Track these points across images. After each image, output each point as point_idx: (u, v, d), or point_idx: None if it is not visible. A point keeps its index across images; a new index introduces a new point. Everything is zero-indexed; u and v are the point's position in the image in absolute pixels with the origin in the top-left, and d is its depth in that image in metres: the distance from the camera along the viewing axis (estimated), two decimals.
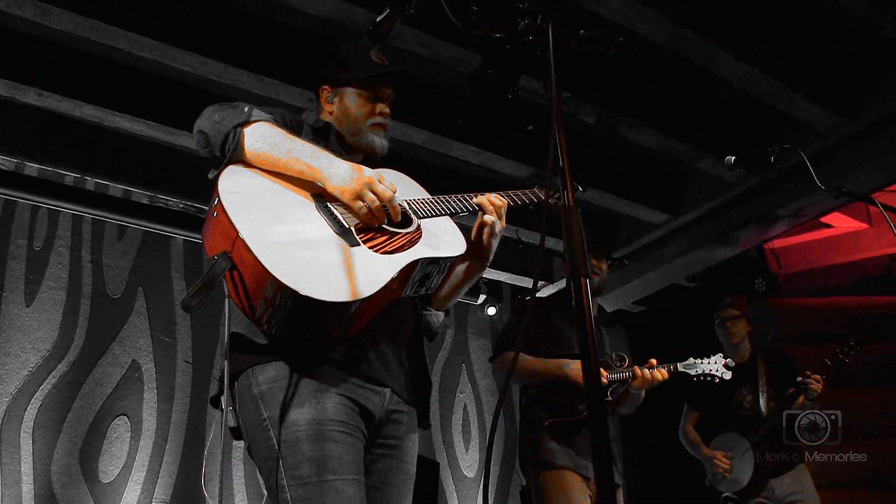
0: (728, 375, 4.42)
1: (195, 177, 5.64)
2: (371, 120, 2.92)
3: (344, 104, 2.94)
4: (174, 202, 6.01)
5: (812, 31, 4.84)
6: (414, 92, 5.02)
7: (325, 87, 3.01)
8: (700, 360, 4.46)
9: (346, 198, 2.47)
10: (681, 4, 4.39)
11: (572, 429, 4.34)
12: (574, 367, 4.26)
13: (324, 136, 2.90)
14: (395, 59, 3.11)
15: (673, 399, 5.64)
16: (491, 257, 2.89)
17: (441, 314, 2.95)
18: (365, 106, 2.92)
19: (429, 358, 8.41)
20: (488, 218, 2.81)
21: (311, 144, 2.57)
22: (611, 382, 4.29)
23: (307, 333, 2.36)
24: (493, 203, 2.86)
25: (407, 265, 2.47)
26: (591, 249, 4.61)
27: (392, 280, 2.40)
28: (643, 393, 4.47)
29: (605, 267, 4.74)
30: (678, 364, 4.43)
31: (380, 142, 2.92)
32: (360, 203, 2.46)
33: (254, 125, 2.54)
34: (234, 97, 4.90)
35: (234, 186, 2.42)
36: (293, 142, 2.54)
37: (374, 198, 2.47)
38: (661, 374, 4.31)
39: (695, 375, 4.42)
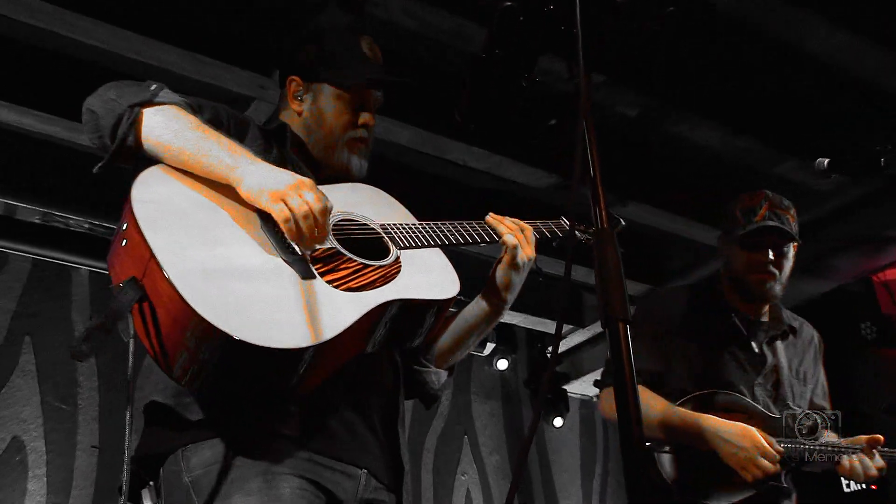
0: None
1: (106, 187, 5.65)
2: (350, 133, 2.95)
3: (318, 106, 2.97)
4: (76, 221, 6.03)
5: None
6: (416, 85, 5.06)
7: (296, 78, 3.02)
8: None
9: (263, 200, 2.45)
10: None
11: None
12: (732, 437, 3.77)
13: (278, 140, 2.92)
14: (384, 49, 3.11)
15: None
16: (510, 299, 2.93)
17: (443, 373, 2.98)
18: (345, 114, 2.95)
19: (420, 428, 8.35)
20: (509, 239, 2.85)
21: (231, 140, 2.58)
22: (789, 463, 3.83)
23: (246, 394, 2.36)
24: (507, 225, 2.91)
25: (376, 307, 2.48)
26: (778, 232, 4.08)
27: (356, 324, 2.41)
28: None
29: (786, 262, 4.16)
30: None
31: (357, 163, 2.96)
32: (283, 207, 2.42)
33: (158, 107, 2.55)
34: (158, 81, 4.96)
35: (151, 195, 2.42)
36: (206, 132, 2.55)
37: (304, 202, 2.44)
38: (877, 467, 3.81)
39: None
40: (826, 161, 3.90)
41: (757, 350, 4.10)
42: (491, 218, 2.94)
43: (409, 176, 5.80)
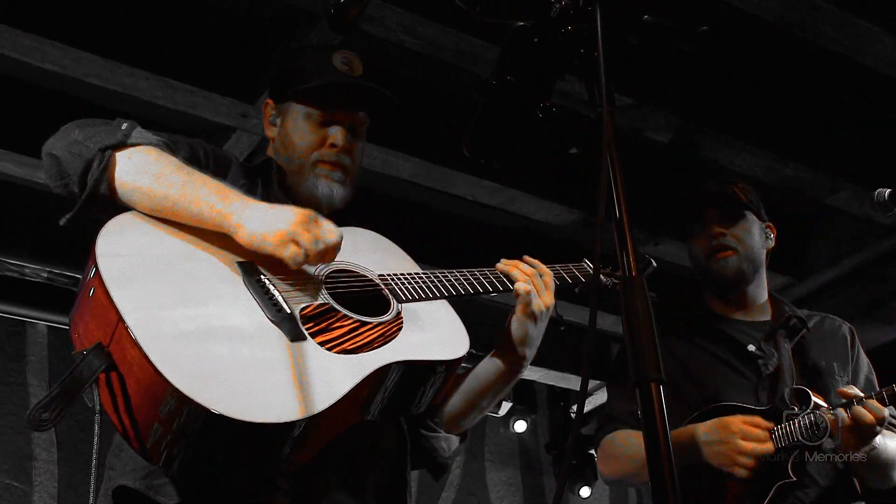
0: None
1: (68, 231, 5.61)
2: (317, 154, 2.96)
3: (286, 128, 3.01)
4: (33, 269, 6.03)
5: None
6: (398, 102, 5.07)
7: (269, 101, 3.08)
8: None
9: (269, 245, 2.48)
10: None
11: None
12: (710, 433, 3.72)
13: (263, 177, 2.96)
14: (374, 69, 3.12)
15: None
16: (529, 354, 2.94)
17: (454, 439, 2.98)
18: (313, 133, 2.97)
19: (427, 500, 8.32)
20: (520, 287, 2.86)
21: (218, 181, 2.60)
22: (788, 447, 3.67)
23: (227, 473, 2.35)
24: (522, 270, 2.92)
25: (374, 371, 2.47)
26: (716, 199, 4.18)
27: (352, 392, 2.40)
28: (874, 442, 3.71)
29: (745, 235, 4.16)
30: None
31: (326, 189, 2.95)
32: (296, 251, 2.47)
33: (132, 149, 2.58)
34: (125, 111, 4.97)
35: (119, 247, 2.43)
36: (191, 174, 2.57)
37: (317, 239, 2.48)
38: (872, 412, 3.57)
39: None
40: (888, 192, 3.86)
41: (756, 351, 4.04)
42: (503, 263, 2.95)
43: (412, 213, 5.81)
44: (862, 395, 3.64)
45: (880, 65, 4.85)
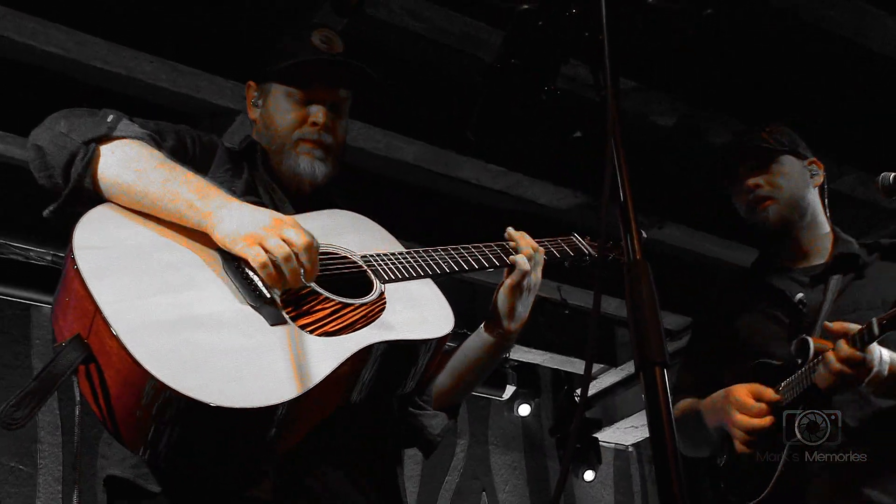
0: None
1: (74, 214, 5.62)
2: (298, 133, 2.95)
3: (267, 108, 3.01)
4: (37, 253, 6.04)
5: None
6: (401, 85, 5.07)
7: (252, 83, 3.09)
8: None
9: (238, 247, 2.44)
10: None
11: None
12: (716, 404, 3.66)
13: (248, 159, 2.96)
14: (362, 46, 3.12)
15: None
16: (516, 328, 2.94)
17: (443, 416, 2.96)
18: (293, 111, 2.96)
19: (431, 483, 8.33)
20: (520, 260, 2.86)
21: (199, 177, 2.59)
22: (803, 404, 3.50)
23: (212, 461, 2.34)
24: (528, 243, 2.93)
25: (356, 353, 2.45)
26: (743, 151, 4.01)
27: (334, 374, 2.38)
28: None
29: (780, 178, 3.96)
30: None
31: (308, 166, 2.94)
32: (259, 251, 2.42)
33: (116, 143, 2.56)
34: (129, 94, 4.98)
35: (96, 239, 2.43)
36: (173, 170, 2.55)
37: (283, 243, 2.44)
38: (840, 357, 3.30)
39: None
40: (892, 175, 3.81)
41: (800, 297, 3.81)
42: (510, 236, 2.97)
43: (416, 197, 5.79)
44: (846, 332, 3.34)
45: (885, 48, 4.86)
